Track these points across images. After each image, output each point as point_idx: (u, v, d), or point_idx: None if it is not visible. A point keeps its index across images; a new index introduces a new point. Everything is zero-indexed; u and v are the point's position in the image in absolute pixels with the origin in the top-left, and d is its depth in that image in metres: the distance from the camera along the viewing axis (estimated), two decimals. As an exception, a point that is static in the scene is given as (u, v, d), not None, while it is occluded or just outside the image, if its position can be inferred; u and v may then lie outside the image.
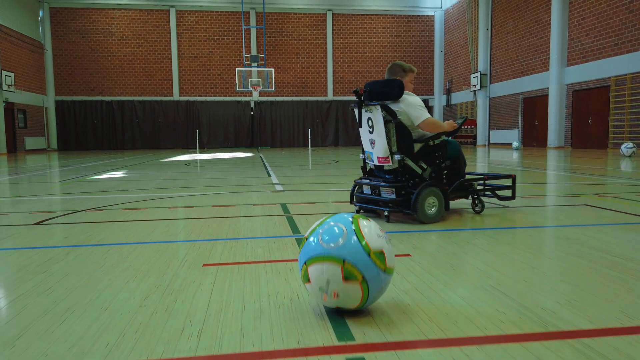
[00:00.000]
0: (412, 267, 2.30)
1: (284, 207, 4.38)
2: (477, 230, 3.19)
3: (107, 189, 6.16)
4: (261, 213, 4.06)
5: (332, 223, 1.72)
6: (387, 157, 3.47)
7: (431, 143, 3.51)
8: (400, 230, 3.17)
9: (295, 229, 3.32)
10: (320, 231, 1.70)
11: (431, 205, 3.38)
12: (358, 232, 1.66)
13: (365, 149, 3.74)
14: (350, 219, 1.72)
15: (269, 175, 7.99)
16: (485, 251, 2.59)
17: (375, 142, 3.53)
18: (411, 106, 3.47)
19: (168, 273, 2.26)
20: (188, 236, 3.12)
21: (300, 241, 2.94)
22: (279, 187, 6.11)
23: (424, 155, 3.52)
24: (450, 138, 3.69)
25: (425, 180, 3.45)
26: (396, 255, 2.50)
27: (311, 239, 1.71)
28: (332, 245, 1.64)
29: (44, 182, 7.37)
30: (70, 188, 6.56)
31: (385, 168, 3.55)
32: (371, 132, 3.55)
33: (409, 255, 2.51)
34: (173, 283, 2.10)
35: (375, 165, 3.68)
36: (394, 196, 3.43)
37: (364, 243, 1.64)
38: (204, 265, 2.39)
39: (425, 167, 3.49)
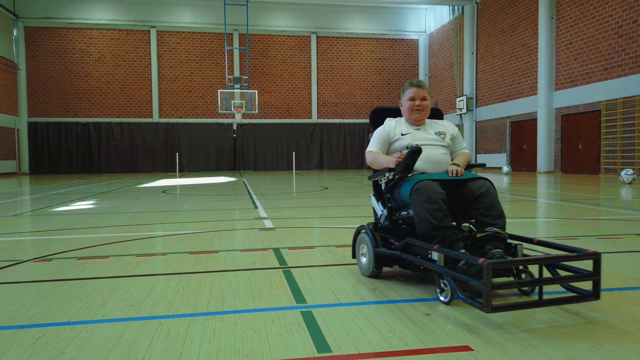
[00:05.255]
0: (483, 374, 1.56)
1: (277, 254, 3.62)
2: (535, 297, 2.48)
3: (67, 226, 5.30)
4: (251, 264, 3.30)
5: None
6: None
7: (379, 182, 2.86)
8: (430, 297, 2.44)
9: (297, 292, 2.56)
10: None
11: (364, 253, 2.89)
12: None
13: None
14: None
15: (255, 207, 7.22)
16: (574, 339, 1.88)
17: None
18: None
19: (117, 392, 1.48)
20: (154, 309, 2.33)
21: (308, 314, 2.19)
22: (268, 223, 5.35)
23: (381, 197, 2.92)
24: (412, 176, 2.70)
25: (380, 225, 2.90)
26: (450, 349, 1.77)
27: None
28: None
29: (-3, 216, 6.46)
30: (25, 224, 5.69)
31: None
32: None
33: (468, 348, 1.77)
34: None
35: None
36: None
37: None
38: (173, 373, 1.61)
39: (381, 209, 2.90)
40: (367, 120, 27.90)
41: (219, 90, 23.72)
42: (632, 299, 2.38)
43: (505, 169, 18.10)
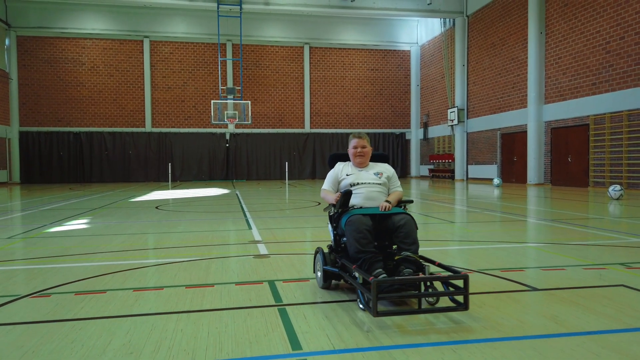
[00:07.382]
0: None
1: (272, 287, 3.69)
2: (518, 340, 2.58)
3: (63, 252, 5.34)
4: (247, 302, 3.36)
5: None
6: None
7: (329, 213, 3.67)
8: (422, 342, 2.53)
9: (292, 335, 2.64)
10: None
11: (318, 269, 3.63)
12: None
13: None
14: None
15: (249, 227, 7.28)
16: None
17: None
18: None
19: None
20: (154, 356, 2.39)
21: (302, 364, 2.26)
22: (262, 249, 5.42)
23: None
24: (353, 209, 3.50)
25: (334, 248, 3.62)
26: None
27: None
28: None
29: (-9, 238, 6.47)
30: (20, 250, 5.71)
31: None
32: None
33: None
34: None
35: None
36: None
37: None
38: None
39: (333, 235, 3.65)
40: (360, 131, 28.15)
41: (212, 101, 23.80)
42: (631, 340, 2.48)
43: (496, 181, 18.31)
